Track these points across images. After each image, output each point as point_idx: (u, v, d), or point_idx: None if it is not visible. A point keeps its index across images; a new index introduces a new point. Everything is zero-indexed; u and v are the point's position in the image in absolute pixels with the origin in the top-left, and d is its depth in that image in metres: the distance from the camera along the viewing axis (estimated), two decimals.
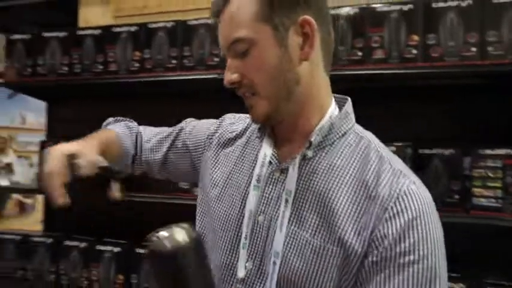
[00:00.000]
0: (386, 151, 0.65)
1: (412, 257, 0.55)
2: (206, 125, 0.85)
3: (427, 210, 0.57)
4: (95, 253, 1.66)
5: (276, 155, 0.68)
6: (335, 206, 0.60)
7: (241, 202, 0.68)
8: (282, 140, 0.69)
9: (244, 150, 0.74)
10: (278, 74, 0.62)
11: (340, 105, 0.69)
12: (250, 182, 0.68)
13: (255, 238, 0.65)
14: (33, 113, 6.41)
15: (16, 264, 1.77)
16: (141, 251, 1.63)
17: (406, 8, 1.32)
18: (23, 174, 5.59)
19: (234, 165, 0.74)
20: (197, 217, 0.78)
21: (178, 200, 1.58)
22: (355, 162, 0.63)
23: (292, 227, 0.62)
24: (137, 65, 1.64)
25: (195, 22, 1.59)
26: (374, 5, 1.37)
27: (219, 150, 0.79)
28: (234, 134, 0.79)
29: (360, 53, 1.37)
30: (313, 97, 0.65)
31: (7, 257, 1.79)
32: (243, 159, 0.73)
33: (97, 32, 1.71)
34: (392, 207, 0.57)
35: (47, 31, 1.79)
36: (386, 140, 1.34)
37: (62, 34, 1.76)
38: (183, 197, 1.58)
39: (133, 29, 1.65)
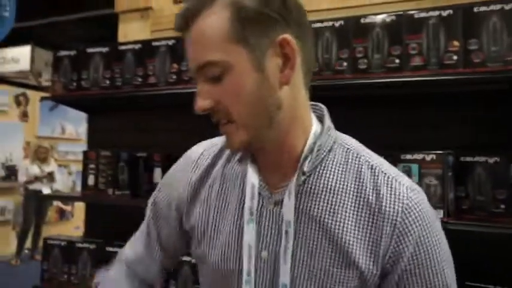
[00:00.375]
0: (373, 158, 0.63)
1: (425, 269, 0.58)
2: (168, 186, 0.76)
3: (430, 216, 0.60)
4: None
5: (264, 184, 0.64)
6: (341, 229, 0.59)
7: (237, 237, 0.64)
8: (266, 167, 0.64)
9: (222, 186, 0.68)
10: (257, 101, 0.56)
11: (316, 114, 0.66)
12: (241, 216, 0.64)
13: (261, 274, 0.62)
14: (72, 124, 6.80)
15: (62, 269, 1.85)
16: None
17: (445, 13, 1.30)
18: (62, 182, 5.89)
19: (217, 200, 0.68)
20: (200, 271, 0.73)
21: None
22: (350, 180, 0.61)
23: (299, 257, 0.60)
24: (175, 77, 1.69)
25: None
26: (411, 12, 1.35)
27: (195, 196, 0.71)
28: (202, 170, 0.71)
29: (397, 61, 1.35)
30: (297, 120, 0.61)
31: (53, 261, 1.88)
32: (224, 196, 0.67)
33: (137, 46, 1.79)
34: (400, 222, 0.58)
35: (90, 47, 1.89)
36: (426, 148, 1.34)
37: (104, 49, 1.86)
38: None
39: (171, 42, 1.72)
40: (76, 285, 1.82)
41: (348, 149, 0.64)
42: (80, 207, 5.41)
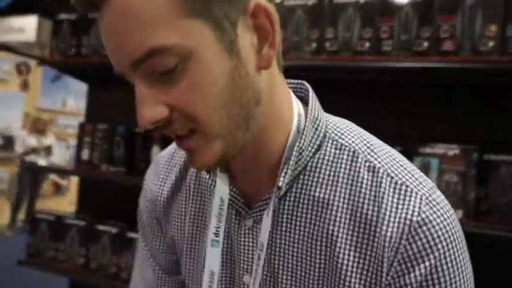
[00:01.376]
0: (377, 156, 0.47)
1: None
2: (144, 214, 0.63)
3: (452, 242, 0.43)
4: (125, 240, 1.62)
5: (238, 196, 0.50)
6: (332, 254, 0.45)
7: (202, 265, 0.52)
8: (241, 174, 0.50)
9: (199, 189, 0.55)
10: (230, 96, 0.40)
11: (299, 95, 0.51)
12: (205, 239, 0.52)
13: None
14: (74, 97, 6.70)
15: (48, 244, 1.76)
16: None
17: None
18: (60, 156, 5.83)
19: (190, 218, 0.56)
20: None
21: None
22: (343, 189, 0.46)
23: (284, 286, 0.48)
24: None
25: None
26: None
27: (165, 210, 0.59)
28: (170, 183, 0.58)
29: (425, 44, 1.23)
30: (275, 115, 0.46)
31: (40, 235, 1.79)
32: (201, 202, 0.55)
33: None
34: (405, 246, 0.42)
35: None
36: (448, 142, 1.23)
37: None
38: None
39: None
40: (62, 262, 1.74)
41: (341, 145, 0.48)
42: (76, 182, 5.32)
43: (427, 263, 0.42)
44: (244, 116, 0.42)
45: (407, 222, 0.43)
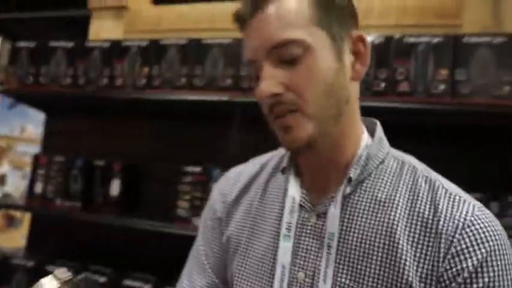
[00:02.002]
0: (435, 175, 0.56)
1: None
2: (204, 220, 0.71)
3: (499, 241, 0.50)
4: None
5: (306, 197, 0.59)
6: (392, 248, 0.52)
7: (273, 256, 0.58)
8: (311, 177, 0.60)
9: (263, 199, 0.64)
10: (332, 90, 0.52)
11: (368, 129, 0.60)
12: (278, 233, 0.58)
13: None
14: (33, 125, 6.38)
15: None
16: (129, 282, 1.48)
17: (435, 40, 1.25)
18: (13, 185, 5.46)
19: (254, 220, 0.63)
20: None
21: (175, 230, 1.45)
22: (402, 193, 0.54)
23: (341, 279, 0.53)
24: (144, 81, 1.55)
25: (209, 41, 1.52)
26: (400, 36, 1.30)
27: (229, 217, 0.66)
28: (239, 188, 0.67)
29: (382, 84, 1.28)
30: (353, 122, 0.57)
31: None
32: (263, 211, 0.63)
33: (106, 44, 1.64)
34: (459, 240, 0.49)
35: (54, 40, 1.72)
36: None
37: (69, 45, 1.69)
38: (181, 226, 1.45)
39: (143, 44, 1.59)
40: None
41: (402, 161, 0.58)
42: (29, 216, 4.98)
43: (479, 256, 0.48)
44: (337, 110, 0.53)
45: (462, 220, 0.50)
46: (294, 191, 0.59)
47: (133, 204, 1.69)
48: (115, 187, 1.67)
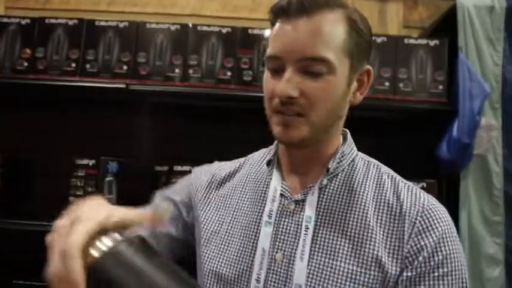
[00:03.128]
0: (394, 173, 0.67)
1: (446, 269, 0.57)
2: (188, 179, 0.78)
3: (451, 224, 0.60)
4: None
5: (286, 187, 0.66)
6: (363, 229, 0.60)
7: (253, 242, 0.63)
8: (292, 171, 0.67)
9: (245, 188, 0.70)
10: (336, 107, 0.61)
11: (342, 135, 0.71)
12: (260, 220, 0.64)
13: (273, 278, 0.60)
14: None
15: None
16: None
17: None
18: None
19: (235, 205, 0.69)
20: (199, 266, 0.69)
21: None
22: (370, 184, 0.64)
23: (317, 257, 0.59)
24: (26, 64, 1.38)
25: (103, 23, 1.40)
26: None
27: (210, 193, 0.73)
28: (227, 171, 0.74)
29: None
30: (338, 131, 0.67)
31: None
32: (245, 198, 0.69)
33: None
34: (420, 221, 0.59)
35: None
36: None
37: None
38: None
39: (24, 21, 1.40)
40: None
41: (368, 161, 0.68)
42: None
43: (437, 233, 0.58)
44: (332, 122, 0.63)
45: (421, 205, 0.60)
46: (276, 181, 0.66)
47: (16, 203, 1.50)
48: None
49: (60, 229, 0.40)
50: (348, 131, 0.71)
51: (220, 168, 0.76)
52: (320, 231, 0.61)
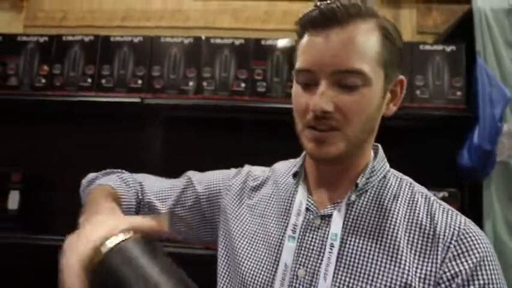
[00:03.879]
0: (428, 192, 0.63)
1: None
2: (220, 174, 0.78)
3: (491, 249, 0.56)
4: None
5: (312, 201, 0.63)
6: (392, 250, 0.56)
7: (276, 256, 0.62)
8: (319, 185, 0.65)
9: (271, 200, 0.69)
10: (371, 120, 0.59)
11: (373, 150, 0.69)
12: (284, 233, 0.63)
13: None
14: None
15: None
16: None
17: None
18: None
19: (261, 217, 0.68)
20: (221, 271, 0.70)
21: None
22: (402, 203, 0.61)
23: (342, 277, 0.56)
24: (44, 80, 1.41)
25: (118, 39, 1.43)
26: None
27: (242, 200, 0.72)
28: (259, 181, 0.73)
29: None
30: (370, 145, 0.64)
31: None
32: (271, 210, 0.67)
33: None
34: (455, 246, 0.55)
35: None
36: None
37: None
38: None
39: (42, 39, 1.44)
40: None
41: (401, 179, 0.65)
42: None
43: (473, 260, 0.53)
44: (367, 136, 0.60)
45: (457, 228, 0.56)
46: (302, 194, 0.64)
47: (36, 218, 1.52)
48: (13, 200, 1.49)
49: (67, 246, 0.43)
50: (379, 145, 0.67)
51: (251, 176, 0.75)
52: (346, 250, 0.58)
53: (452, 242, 0.55)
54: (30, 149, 1.57)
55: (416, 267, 0.55)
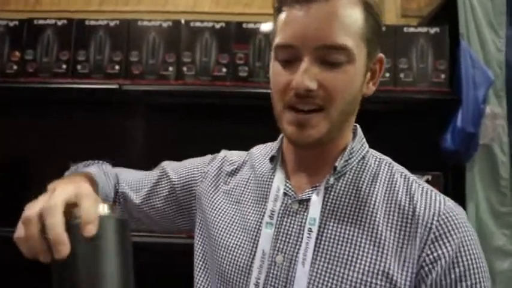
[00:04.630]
0: (408, 172, 0.61)
1: (468, 282, 0.51)
2: (195, 161, 0.76)
3: (471, 229, 0.55)
4: None
5: (290, 185, 0.61)
6: (371, 234, 0.55)
7: (253, 243, 0.60)
8: (297, 169, 0.62)
9: (248, 185, 0.66)
10: (353, 100, 0.57)
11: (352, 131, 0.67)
12: (261, 220, 0.60)
13: (272, 282, 0.57)
14: None
15: None
16: None
17: None
18: None
19: (238, 203, 0.66)
20: (197, 259, 0.68)
21: None
22: (381, 184, 0.59)
23: (320, 262, 0.55)
24: (15, 67, 1.34)
25: (94, 22, 1.37)
26: None
27: (217, 186, 0.70)
28: (235, 166, 0.71)
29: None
30: (350, 126, 0.62)
31: None
32: (248, 196, 0.65)
33: None
34: (437, 227, 0.53)
35: None
36: None
37: None
38: None
39: (13, 24, 1.37)
40: None
41: (380, 159, 0.63)
42: None
43: (456, 240, 0.52)
44: (348, 117, 0.58)
45: (437, 209, 0.54)
46: (279, 179, 0.62)
47: (9, 209, 1.47)
48: None
49: (39, 199, 0.44)
50: (358, 125, 0.65)
51: (227, 161, 0.72)
52: (324, 235, 0.56)
53: (434, 222, 0.53)
54: (4, 139, 1.50)
55: (396, 250, 0.53)
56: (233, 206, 0.66)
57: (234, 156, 0.73)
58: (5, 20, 1.38)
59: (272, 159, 0.64)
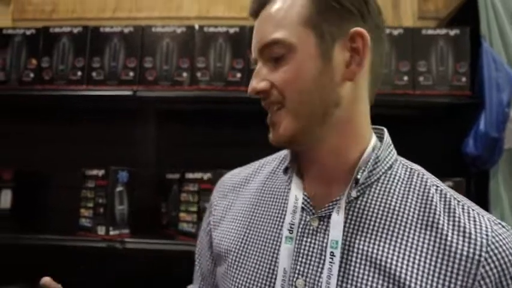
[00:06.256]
0: (443, 185, 0.54)
1: None
2: (200, 237, 0.70)
3: None
4: None
5: (308, 198, 0.55)
6: (402, 260, 0.48)
7: (272, 260, 0.55)
8: (313, 179, 0.57)
9: (260, 199, 0.61)
10: (314, 89, 0.51)
11: (377, 136, 0.59)
12: (279, 235, 0.55)
13: None
14: None
15: None
16: None
17: None
18: None
19: (249, 219, 0.60)
20: None
21: (80, 242, 1.30)
22: (413, 200, 0.52)
23: None
24: (32, 75, 1.35)
25: (108, 30, 1.37)
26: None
27: (225, 215, 0.64)
28: (238, 179, 0.67)
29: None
30: (354, 125, 0.54)
31: None
32: (260, 211, 0.60)
33: None
34: (486, 259, 0.46)
35: None
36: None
37: None
38: (87, 238, 1.30)
39: (30, 32, 1.38)
40: None
41: (411, 169, 0.56)
42: None
43: (508, 276, 0.46)
44: (322, 110, 0.52)
45: (484, 236, 0.47)
46: (296, 191, 0.56)
47: (29, 217, 1.48)
48: (5, 199, 1.44)
49: None
50: (385, 129, 0.58)
51: (232, 177, 0.68)
52: (349, 260, 0.50)
53: (483, 254, 0.47)
54: (20, 146, 1.52)
55: (432, 283, 0.47)
56: (245, 222, 0.61)
57: (239, 169, 0.69)
58: (22, 29, 1.40)
59: (286, 170, 0.59)
